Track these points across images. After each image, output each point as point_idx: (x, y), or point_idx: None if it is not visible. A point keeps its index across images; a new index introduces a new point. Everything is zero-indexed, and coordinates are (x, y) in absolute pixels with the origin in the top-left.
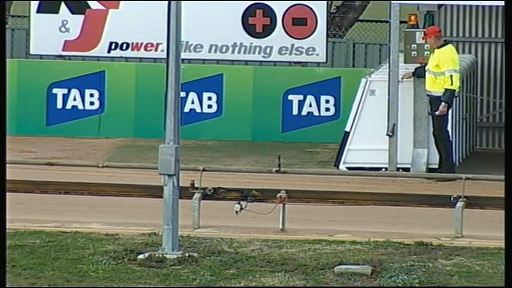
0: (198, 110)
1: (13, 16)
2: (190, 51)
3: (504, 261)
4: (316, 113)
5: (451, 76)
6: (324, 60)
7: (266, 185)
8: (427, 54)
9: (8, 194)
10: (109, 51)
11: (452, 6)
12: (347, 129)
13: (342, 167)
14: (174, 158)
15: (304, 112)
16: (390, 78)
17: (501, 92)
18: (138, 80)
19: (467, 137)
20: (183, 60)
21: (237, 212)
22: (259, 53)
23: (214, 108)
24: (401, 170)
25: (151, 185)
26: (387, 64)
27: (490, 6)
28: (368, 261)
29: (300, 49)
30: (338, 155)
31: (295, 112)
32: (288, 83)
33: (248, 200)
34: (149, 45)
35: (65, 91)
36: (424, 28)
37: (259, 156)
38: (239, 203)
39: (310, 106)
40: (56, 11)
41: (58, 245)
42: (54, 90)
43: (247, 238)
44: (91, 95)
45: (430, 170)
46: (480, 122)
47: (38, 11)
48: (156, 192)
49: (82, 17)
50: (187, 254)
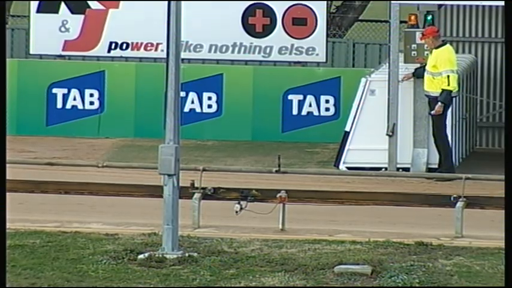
0: (198, 110)
1: (13, 16)
2: (190, 51)
3: (504, 261)
4: (316, 113)
5: (448, 77)
6: (324, 60)
7: (266, 185)
8: (427, 54)
9: (8, 194)
10: (109, 51)
11: (452, 6)
12: (347, 129)
13: (342, 167)
14: (174, 158)
15: (304, 112)
16: (390, 78)
17: (501, 92)
18: (138, 80)
19: (467, 137)
20: (183, 60)
21: (237, 212)
22: (259, 53)
23: (214, 108)
24: (401, 170)
25: (151, 185)
26: (387, 64)
27: (490, 6)
28: (368, 261)
29: (300, 49)
30: (338, 155)
31: (295, 112)
32: (288, 83)
33: (248, 200)
34: (149, 45)
35: (65, 91)
36: (424, 28)
37: (259, 156)
38: (239, 203)
39: (310, 106)
40: (56, 11)
41: (58, 245)
42: (54, 90)
43: (247, 238)
44: (91, 95)
45: (430, 170)
46: (480, 122)
47: (38, 11)
48: (156, 192)
49: (82, 17)
50: (187, 254)
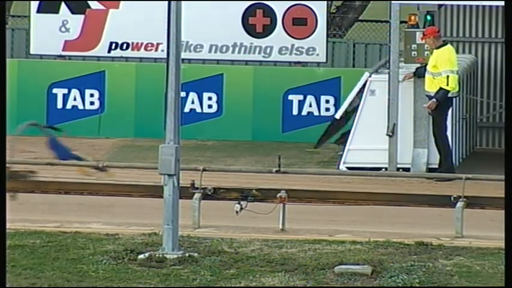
0: (198, 110)
1: (13, 16)
2: (190, 51)
3: (504, 261)
4: (316, 113)
5: (448, 77)
6: (324, 60)
7: (266, 185)
8: (428, 54)
9: (8, 194)
10: (109, 51)
11: (452, 6)
12: (336, 116)
13: (342, 167)
14: (174, 158)
15: (304, 112)
16: (390, 78)
17: (501, 92)
18: (138, 80)
19: (467, 137)
20: (183, 60)
21: (237, 212)
22: (259, 53)
23: (214, 108)
24: (401, 170)
25: (151, 185)
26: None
27: (490, 6)
28: (368, 261)
29: (300, 49)
30: (321, 138)
31: (295, 112)
32: (288, 83)
33: (248, 200)
34: (149, 45)
35: (65, 91)
36: (424, 28)
37: (259, 156)
38: (239, 203)
39: (310, 106)
40: (56, 11)
41: (58, 245)
42: (54, 90)
43: (247, 238)
44: (91, 95)
45: (430, 170)
46: (480, 122)
47: (38, 11)
48: (156, 192)
49: (82, 17)
50: (187, 254)
